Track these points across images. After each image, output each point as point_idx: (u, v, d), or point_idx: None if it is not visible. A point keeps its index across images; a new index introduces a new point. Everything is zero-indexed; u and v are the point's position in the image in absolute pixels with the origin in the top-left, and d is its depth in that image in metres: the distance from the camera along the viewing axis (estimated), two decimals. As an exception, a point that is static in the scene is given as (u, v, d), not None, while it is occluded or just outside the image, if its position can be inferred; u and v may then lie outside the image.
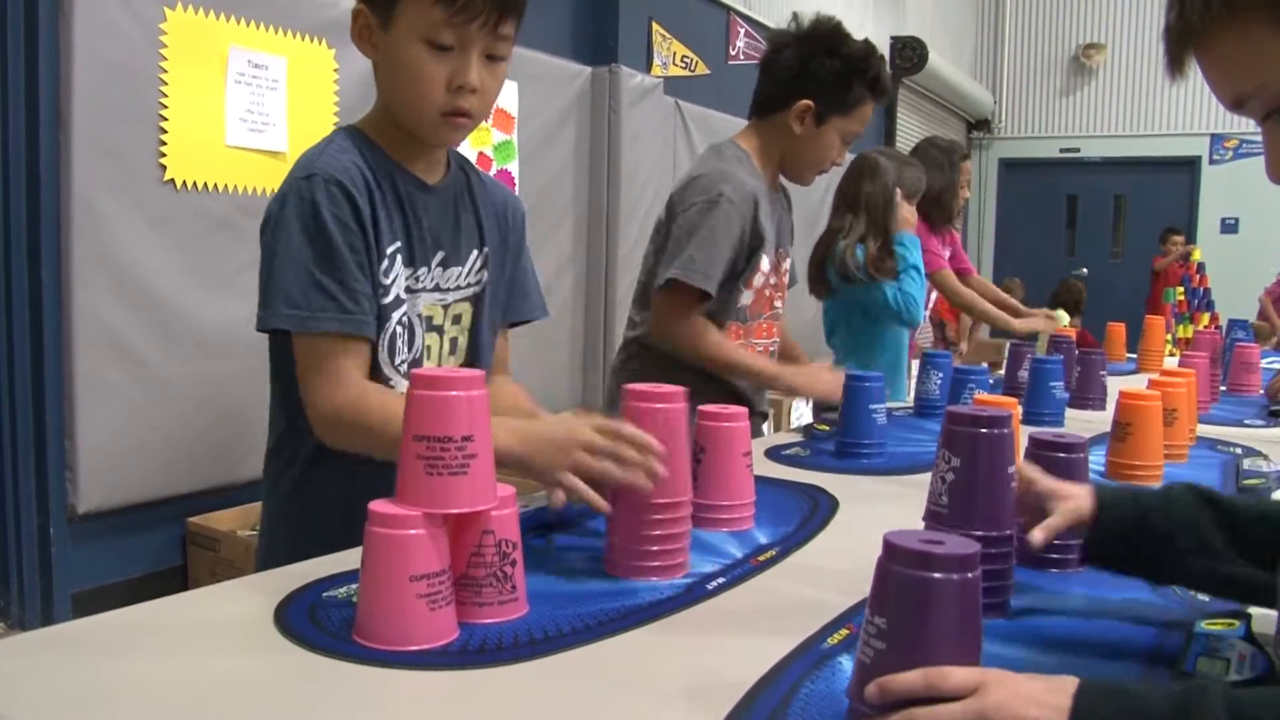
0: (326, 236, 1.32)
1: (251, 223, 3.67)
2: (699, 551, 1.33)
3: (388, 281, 1.39)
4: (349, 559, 1.25)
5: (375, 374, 1.40)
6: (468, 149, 4.55)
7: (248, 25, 3.51)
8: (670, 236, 2.20)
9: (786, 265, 2.43)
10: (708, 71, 6.39)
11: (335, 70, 3.84)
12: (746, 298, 2.27)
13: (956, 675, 0.77)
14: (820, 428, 2.19)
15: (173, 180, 3.30)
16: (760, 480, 1.65)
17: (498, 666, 0.96)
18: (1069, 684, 0.77)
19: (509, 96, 4.79)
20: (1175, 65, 0.84)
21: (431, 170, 1.49)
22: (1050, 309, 4.68)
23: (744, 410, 1.47)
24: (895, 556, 0.80)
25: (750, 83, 2.38)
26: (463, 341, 1.54)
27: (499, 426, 1.13)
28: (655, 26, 5.87)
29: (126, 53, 3.16)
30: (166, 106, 3.27)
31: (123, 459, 3.25)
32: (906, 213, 2.97)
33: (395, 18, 1.35)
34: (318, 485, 1.46)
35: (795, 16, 2.30)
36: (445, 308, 1.50)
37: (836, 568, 1.28)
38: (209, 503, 3.54)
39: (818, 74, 2.22)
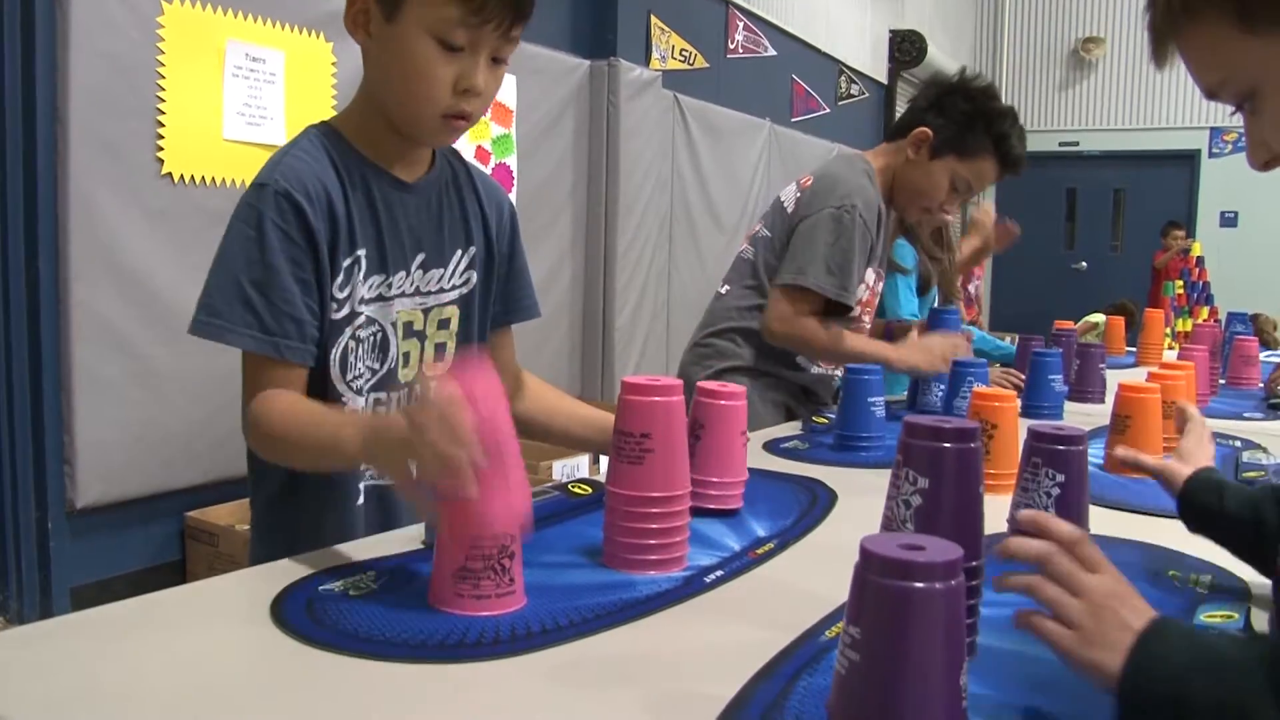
0: (266, 252, 1.26)
1: (249, 216, 3.66)
2: (697, 544, 1.33)
3: (341, 295, 1.33)
4: (345, 553, 1.25)
5: (328, 391, 1.35)
6: (465, 143, 4.55)
7: (245, 18, 3.51)
8: (797, 234, 2.26)
9: (880, 284, 2.50)
10: (706, 65, 6.39)
11: (333, 64, 3.84)
12: (857, 310, 2.34)
13: (1094, 550, 0.87)
14: (818, 420, 2.18)
15: (170, 174, 3.30)
16: (759, 473, 1.65)
17: (494, 660, 0.96)
18: (1153, 612, 0.83)
19: (508, 90, 4.79)
20: (1159, 55, 0.91)
21: (411, 168, 1.42)
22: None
23: (742, 389, 1.46)
24: (872, 565, 0.76)
25: (749, 77, 2.41)
26: (452, 346, 1.48)
27: (349, 420, 1.21)
28: (654, 20, 5.86)
29: (124, 46, 3.15)
30: (164, 100, 3.26)
31: (121, 453, 3.25)
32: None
33: (403, 9, 1.27)
34: (289, 500, 1.42)
35: (964, 72, 2.40)
36: (426, 311, 1.43)
37: (835, 561, 1.27)
38: (207, 497, 3.54)
39: (946, 108, 2.29)
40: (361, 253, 1.34)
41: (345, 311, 1.34)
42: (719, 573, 1.23)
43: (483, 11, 1.26)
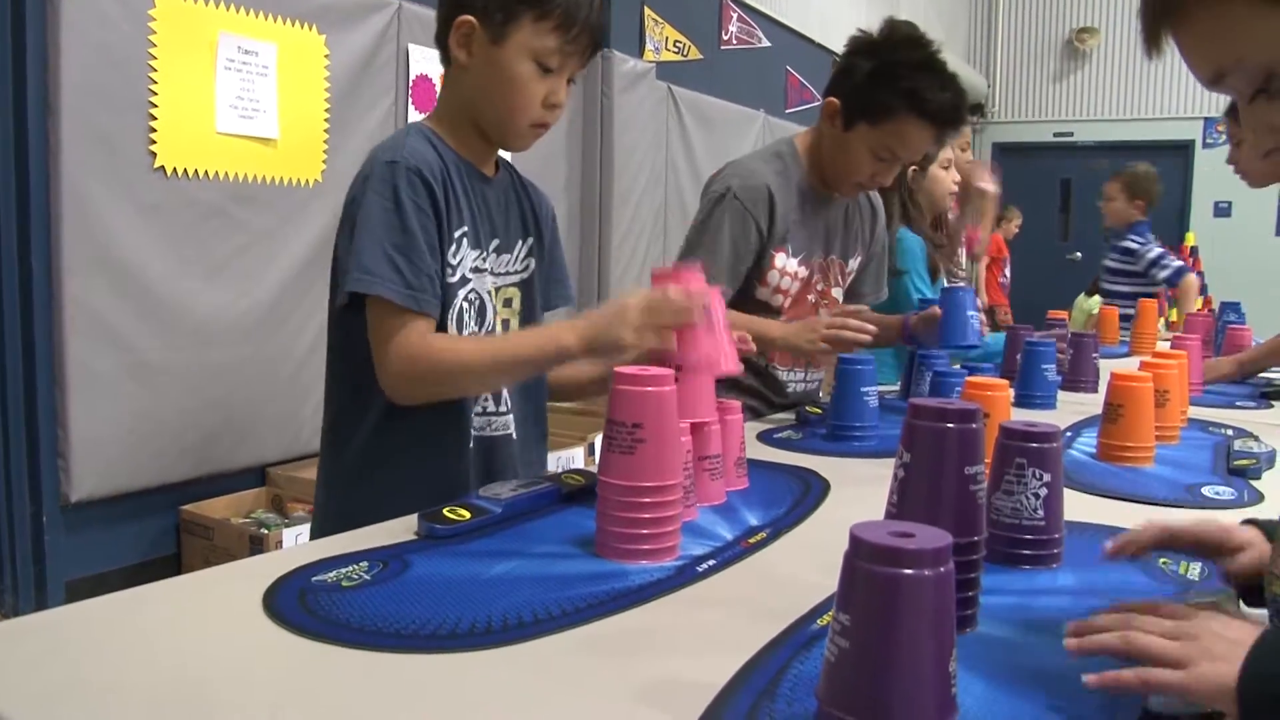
0: (402, 217, 1.45)
1: (243, 209, 3.68)
2: (689, 534, 1.33)
3: (454, 262, 1.52)
4: (335, 544, 1.25)
5: None
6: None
7: (237, 11, 3.50)
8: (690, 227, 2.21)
9: (851, 268, 2.38)
10: (700, 57, 6.38)
11: (326, 56, 3.83)
12: (767, 295, 2.21)
13: (1164, 608, 0.87)
14: (813, 410, 2.19)
15: (163, 167, 3.29)
16: (752, 463, 1.66)
17: (487, 649, 0.96)
18: (1255, 631, 0.81)
19: (501, 82, 4.78)
20: (1151, 43, 0.83)
21: (488, 166, 1.64)
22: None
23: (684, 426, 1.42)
24: (861, 552, 0.76)
25: (743, 68, 2.37)
26: (514, 324, 1.66)
27: (553, 328, 1.50)
28: (647, 11, 5.85)
29: (115, 39, 3.14)
30: (156, 93, 3.26)
31: (115, 447, 3.24)
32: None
33: (510, 35, 1.49)
34: (381, 456, 1.56)
35: (886, 23, 2.15)
36: (496, 290, 1.62)
37: (827, 550, 1.27)
38: (202, 490, 3.54)
39: (851, 73, 2.08)
40: (466, 228, 1.55)
41: (459, 277, 1.54)
42: (711, 562, 1.23)
43: (576, 42, 1.52)
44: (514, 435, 1.66)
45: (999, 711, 0.85)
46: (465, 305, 1.55)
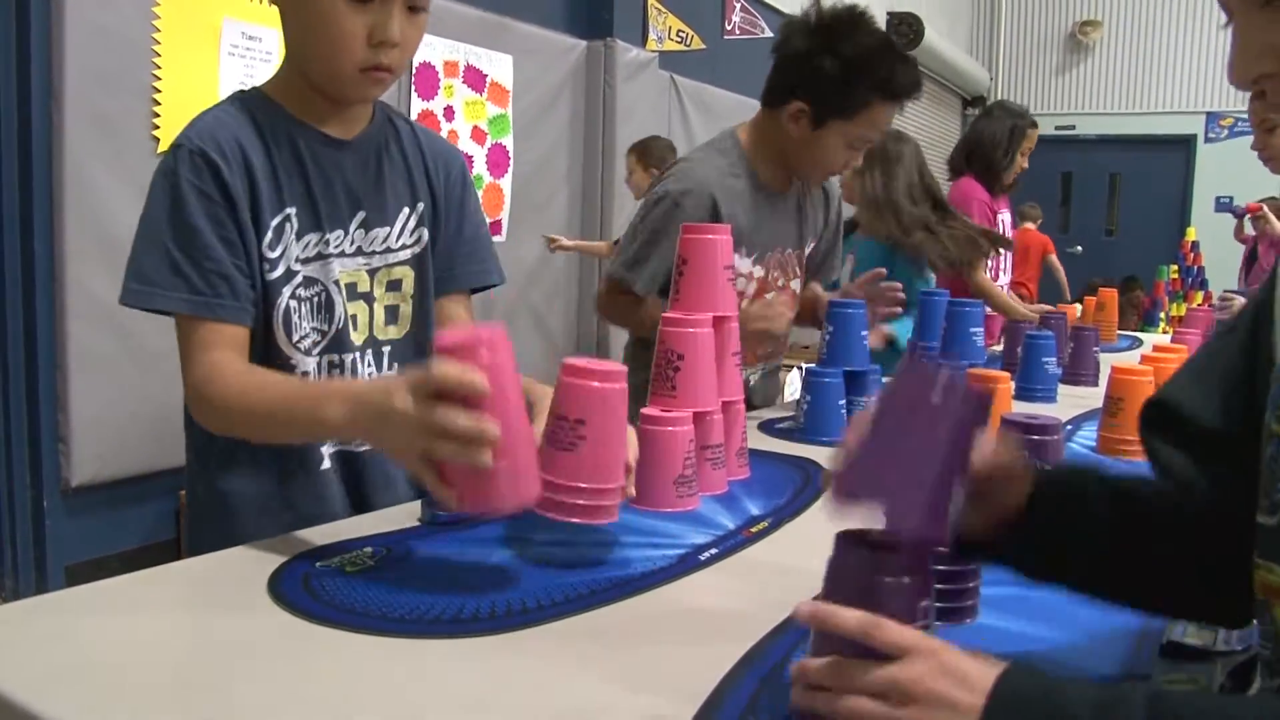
0: (185, 211, 1.24)
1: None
2: (691, 523, 1.34)
3: (274, 254, 1.30)
4: (341, 530, 1.25)
5: (273, 355, 1.31)
6: (461, 122, 4.54)
7: (241, -4, 3.49)
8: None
9: (765, 270, 2.26)
10: (703, 46, 6.37)
11: (329, 43, 3.82)
12: None
13: (890, 632, 0.72)
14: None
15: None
16: (753, 453, 1.66)
17: (488, 635, 0.96)
18: (995, 670, 0.71)
19: (504, 70, 4.78)
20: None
21: (346, 125, 1.37)
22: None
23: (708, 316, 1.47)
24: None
25: (746, 58, 2.34)
26: (406, 310, 1.43)
27: (330, 393, 1.16)
28: (650, 1, 5.84)
29: (119, 23, 3.14)
30: (160, 78, 3.25)
31: (116, 432, 3.25)
32: None
33: None
34: (232, 485, 1.36)
35: (816, 1, 2.08)
36: (373, 273, 1.39)
37: (828, 540, 1.28)
38: (203, 476, 3.54)
39: (816, 74, 2.00)
40: (291, 211, 1.31)
41: (280, 271, 1.30)
42: (713, 551, 1.24)
43: None
44: None
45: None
46: (294, 304, 1.31)
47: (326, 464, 1.37)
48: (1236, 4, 0.73)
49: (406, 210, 1.42)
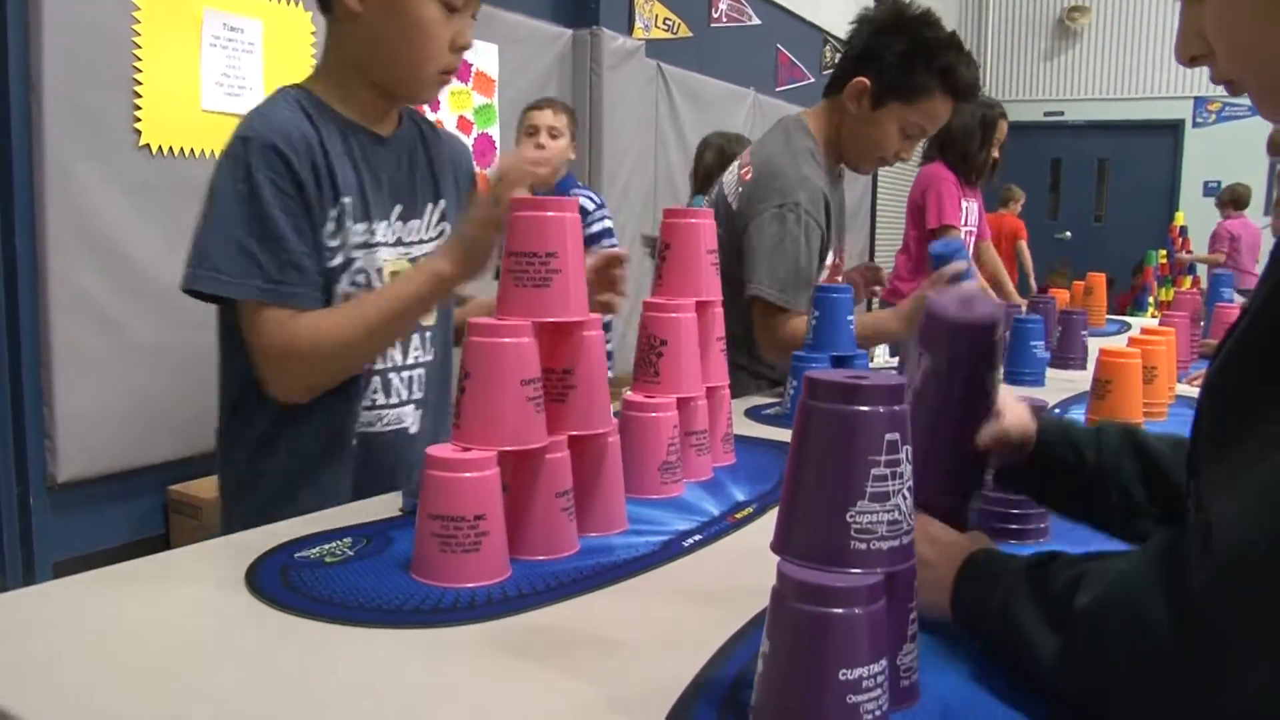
0: (259, 202, 1.30)
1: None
2: (676, 509, 1.33)
3: (334, 244, 1.38)
4: (320, 521, 1.24)
5: None
6: (448, 113, 4.52)
7: (222, -13, 3.47)
8: (748, 237, 2.10)
9: (842, 259, 2.38)
10: (690, 34, 6.35)
11: (313, 33, 3.80)
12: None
13: None
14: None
15: (148, 145, 3.27)
16: (739, 439, 1.65)
17: (470, 624, 0.95)
18: (971, 543, 0.92)
19: (489, 60, 4.75)
20: None
21: (384, 124, 1.48)
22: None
23: (670, 401, 1.43)
24: (788, 587, 0.73)
25: (733, 46, 2.33)
26: None
27: (416, 270, 1.37)
28: (637, -11, 5.82)
29: (99, 15, 3.11)
30: (140, 70, 3.23)
31: (102, 427, 3.23)
32: None
33: None
34: (265, 468, 1.45)
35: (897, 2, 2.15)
36: (412, 261, 1.48)
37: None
38: (190, 470, 3.53)
39: (881, 52, 2.08)
40: (347, 201, 1.39)
41: (340, 259, 1.39)
42: (697, 537, 1.23)
43: None
44: (413, 430, 1.52)
45: (985, 689, 0.85)
46: (351, 289, 1.40)
47: (354, 442, 1.46)
48: None
49: (431, 204, 1.53)
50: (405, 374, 1.50)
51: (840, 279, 2.26)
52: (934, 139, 4.16)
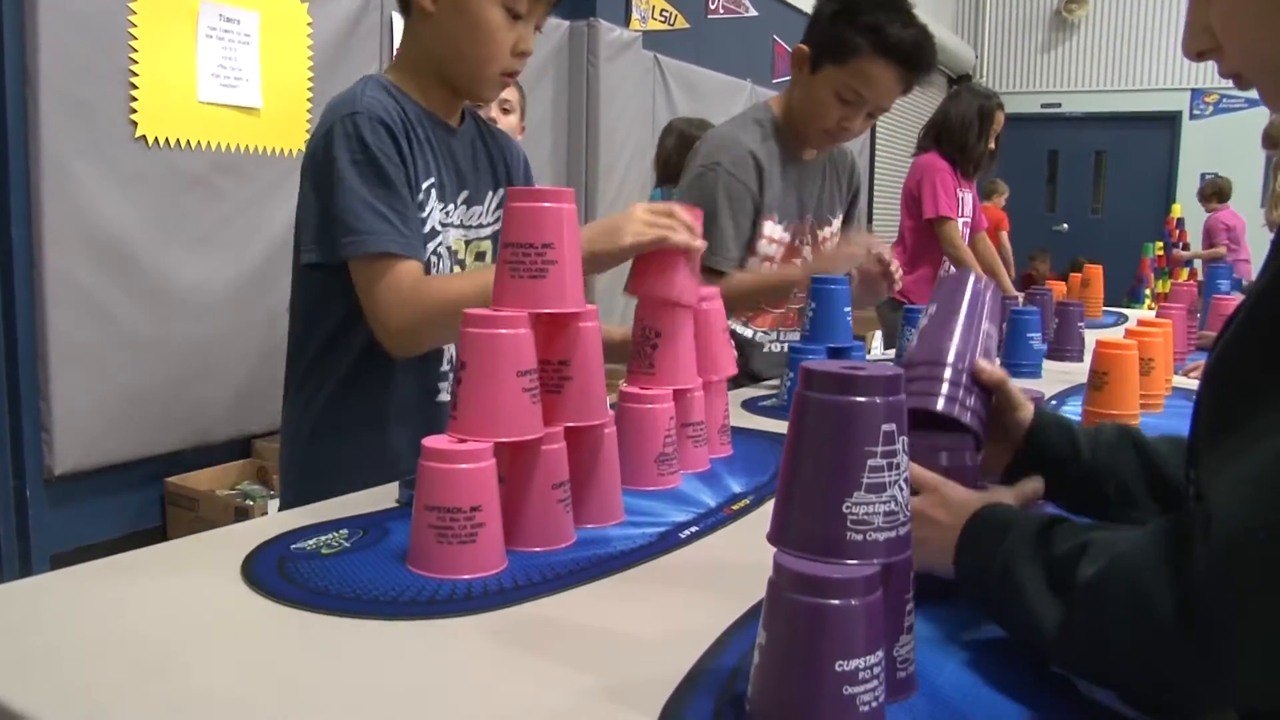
0: (376, 166, 1.41)
1: (226, 179, 3.65)
2: (673, 501, 1.33)
3: (424, 214, 1.50)
4: (317, 512, 1.24)
5: None
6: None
7: (217, -21, 3.46)
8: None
9: (826, 234, 2.33)
10: (687, 26, 6.34)
11: (309, 25, 3.79)
12: (755, 264, 2.19)
13: (914, 472, 0.94)
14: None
15: (144, 137, 3.26)
16: (735, 431, 1.65)
17: (467, 616, 0.95)
18: (979, 501, 0.93)
19: (485, 52, 4.74)
20: None
21: (453, 117, 1.61)
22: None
23: (666, 393, 1.41)
24: (784, 576, 0.73)
25: (730, 38, 2.32)
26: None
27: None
28: (634, -20, 5.81)
29: (94, 7, 3.11)
30: (137, 62, 3.22)
31: (99, 420, 3.23)
32: None
33: None
34: (342, 423, 1.54)
35: None
36: (468, 244, 1.61)
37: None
38: (187, 462, 3.53)
39: (819, 15, 2.08)
40: (430, 180, 1.52)
41: (429, 228, 1.51)
42: (694, 528, 1.23)
43: None
44: None
45: (980, 676, 0.85)
46: (434, 259, 1.53)
47: (443, 396, 1.58)
48: None
49: (490, 193, 1.65)
50: None
51: (854, 272, 2.22)
52: (930, 129, 4.16)
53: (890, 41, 2.00)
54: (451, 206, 1.57)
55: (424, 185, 1.50)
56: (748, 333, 2.32)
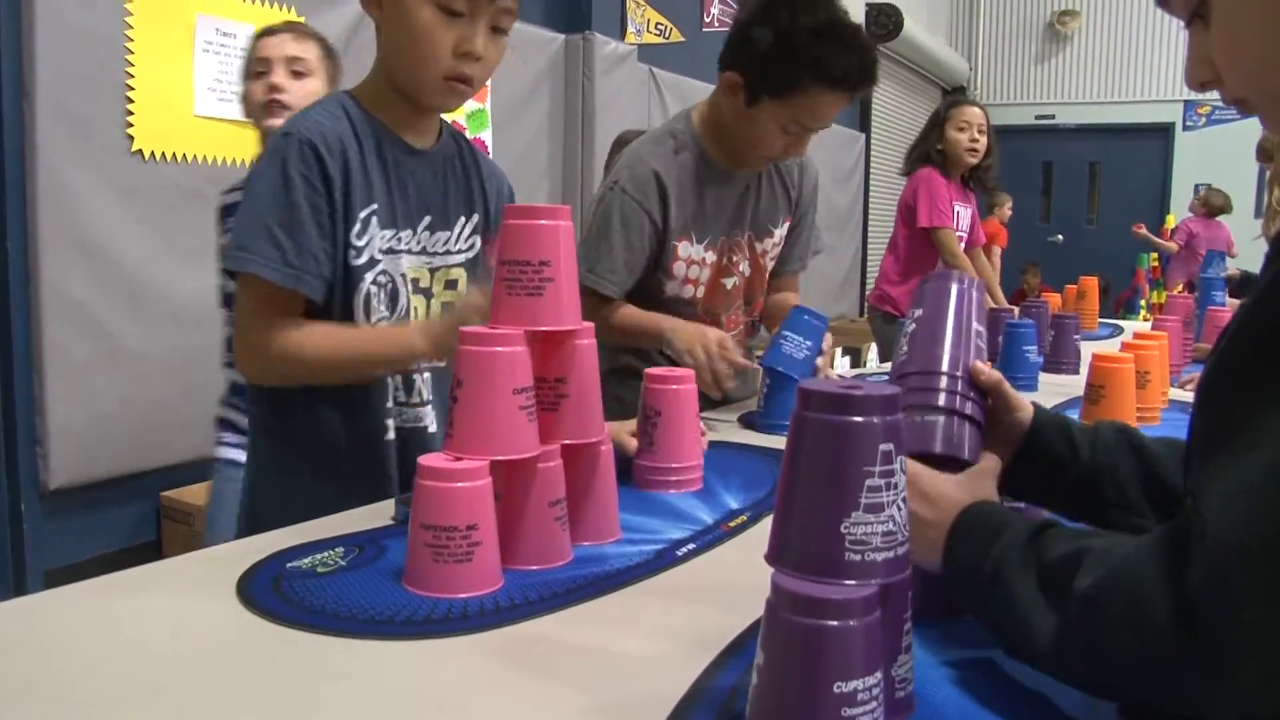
0: (290, 193, 1.36)
1: (222, 193, 3.59)
2: (670, 517, 1.33)
3: (360, 243, 1.42)
4: (311, 530, 1.24)
5: None
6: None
7: (214, -8, 3.46)
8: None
9: (768, 246, 2.18)
10: (682, 39, 6.35)
11: (304, 39, 3.79)
12: (676, 288, 2.06)
13: None
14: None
15: (140, 151, 3.26)
16: (731, 446, 1.65)
17: (463, 635, 0.95)
18: (964, 496, 0.91)
19: (481, 65, 4.75)
20: None
21: (422, 136, 1.53)
22: None
23: (690, 373, 1.50)
24: (782, 599, 0.73)
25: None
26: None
27: (409, 328, 1.44)
28: (629, -7, 5.82)
29: (91, 20, 3.11)
30: (133, 76, 3.22)
31: (94, 434, 3.22)
32: None
33: None
34: (298, 448, 1.48)
35: None
36: (433, 271, 1.53)
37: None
38: (182, 476, 3.51)
39: (752, 46, 1.89)
40: (375, 206, 1.44)
41: (365, 259, 1.43)
42: (691, 546, 1.23)
43: None
44: (431, 429, 1.53)
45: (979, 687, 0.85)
46: (373, 289, 1.44)
47: (391, 435, 1.48)
48: (1181, 19, 0.82)
49: (463, 219, 1.57)
50: (424, 374, 1.53)
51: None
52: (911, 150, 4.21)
53: (835, 74, 1.86)
54: (409, 233, 1.48)
55: (362, 213, 1.42)
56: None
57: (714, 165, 2.05)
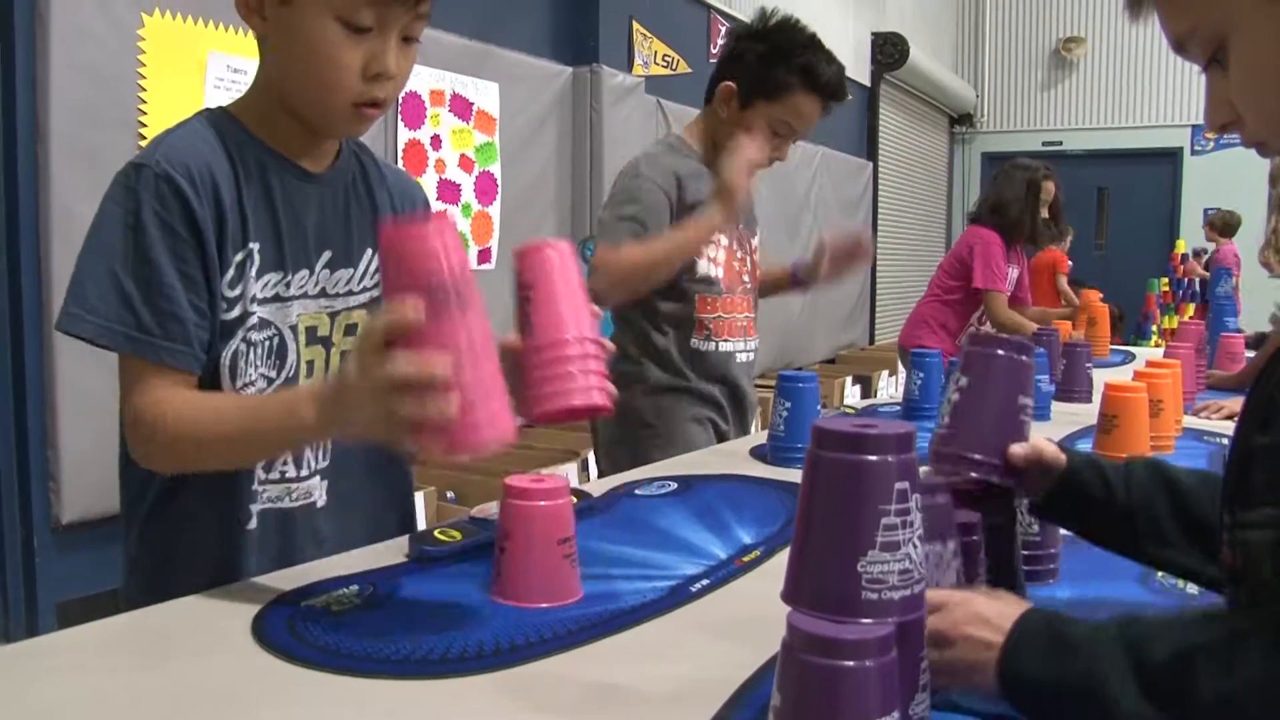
0: (145, 242, 1.12)
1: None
2: (683, 552, 1.32)
3: (232, 294, 1.18)
4: (328, 567, 1.23)
5: None
6: (448, 150, 4.54)
7: (226, 30, 3.49)
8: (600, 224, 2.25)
9: (755, 243, 2.44)
10: (689, 70, 6.39)
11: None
12: (706, 268, 2.25)
13: (930, 596, 0.82)
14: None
15: (152, 187, 3.27)
16: (744, 480, 1.65)
17: (478, 675, 0.95)
18: (1017, 610, 0.85)
19: (490, 98, 4.78)
20: (1134, 8, 0.85)
21: (317, 160, 1.27)
22: None
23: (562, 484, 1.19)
24: (797, 640, 0.72)
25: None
26: None
27: (297, 396, 1.09)
28: (636, 26, 5.86)
29: (104, 58, 3.13)
30: (146, 113, 3.24)
31: (106, 468, 3.17)
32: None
33: None
34: (159, 535, 1.26)
35: (761, 12, 2.27)
36: (333, 316, 1.27)
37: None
38: (194, 510, 3.52)
39: (743, 56, 2.21)
40: (255, 247, 1.20)
41: (237, 312, 1.19)
42: (705, 581, 1.22)
43: None
44: (320, 503, 1.29)
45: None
46: (244, 347, 1.19)
47: (254, 523, 1.24)
48: (1199, 64, 0.82)
49: (370, 251, 1.31)
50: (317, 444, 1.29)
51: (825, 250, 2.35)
52: (985, 202, 4.24)
53: (821, 81, 2.19)
54: (304, 273, 1.24)
55: (237, 256, 1.18)
56: (710, 346, 2.26)
57: (711, 172, 2.26)
